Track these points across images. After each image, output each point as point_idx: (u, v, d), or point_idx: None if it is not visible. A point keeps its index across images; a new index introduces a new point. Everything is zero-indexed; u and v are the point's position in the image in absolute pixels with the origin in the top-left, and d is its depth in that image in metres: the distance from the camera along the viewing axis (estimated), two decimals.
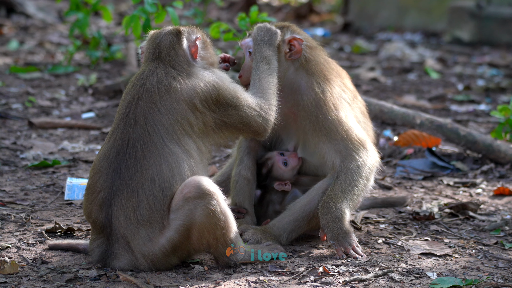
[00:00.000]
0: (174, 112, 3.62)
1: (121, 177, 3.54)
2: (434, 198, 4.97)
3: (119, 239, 3.56)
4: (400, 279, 3.66)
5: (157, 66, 3.71)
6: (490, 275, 3.74)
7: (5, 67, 8.14)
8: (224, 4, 12.67)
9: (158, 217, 3.53)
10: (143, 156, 3.55)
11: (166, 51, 3.75)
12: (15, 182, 4.88)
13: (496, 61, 10.18)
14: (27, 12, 11.42)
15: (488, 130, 6.68)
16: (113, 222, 3.55)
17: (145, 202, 3.51)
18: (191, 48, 3.78)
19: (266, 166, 4.14)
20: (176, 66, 3.72)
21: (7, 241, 3.91)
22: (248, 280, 3.57)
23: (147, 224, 3.53)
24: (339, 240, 3.88)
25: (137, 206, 3.51)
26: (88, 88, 7.41)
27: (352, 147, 3.97)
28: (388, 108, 6.25)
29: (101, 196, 3.57)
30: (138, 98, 3.64)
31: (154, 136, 3.58)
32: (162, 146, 3.57)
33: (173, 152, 3.57)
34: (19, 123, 6.28)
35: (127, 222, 3.53)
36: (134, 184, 3.52)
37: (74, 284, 3.47)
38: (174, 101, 3.62)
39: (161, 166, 3.54)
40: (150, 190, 3.52)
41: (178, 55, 3.75)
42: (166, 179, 3.54)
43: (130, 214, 3.52)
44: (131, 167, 3.55)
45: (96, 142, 5.90)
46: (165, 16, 6.28)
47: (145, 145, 3.56)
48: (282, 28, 4.07)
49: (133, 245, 3.55)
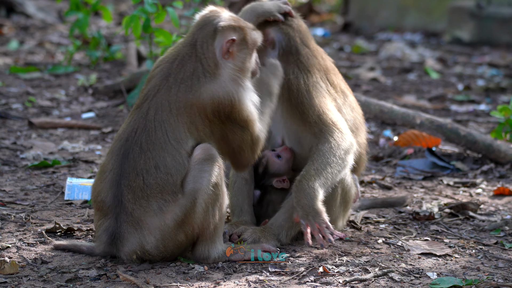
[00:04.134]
0: (185, 115, 3.62)
1: (128, 161, 3.60)
2: (434, 198, 4.97)
3: (128, 217, 3.58)
4: (400, 279, 3.66)
5: (190, 56, 3.69)
6: (490, 275, 3.74)
7: (5, 67, 8.14)
8: (224, 4, 12.67)
9: (170, 190, 3.56)
10: (147, 147, 3.59)
11: (201, 42, 3.70)
12: (15, 182, 4.88)
13: (496, 61, 10.18)
14: (27, 12, 11.42)
15: (488, 130, 6.68)
16: (122, 201, 3.58)
17: (153, 183, 3.56)
18: (223, 46, 3.69)
19: (261, 165, 4.14)
20: (204, 63, 3.67)
21: (7, 241, 3.91)
22: (248, 280, 3.58)
23: (158, 196, 3.57)
24: (309, 220, 3.80)
25: (145, 185, 3.56)
26: (88, 88, 7.41)
27: (326, 129, 3.95)
28: (388, 108, 6.25)
29: (111, 176, 3.62)
30: (157, 90, 3.67)
31: (159, 132, 3.60)
32: (166, 143, 3.59)
33: (176, 150, 3.60)
34: (19, 123, 6.28)
35: (135, 198, 3.57)
36: (139, 169, 3.58)
37: (74, 284, 3.47)
38: (188, 104, 3.62)
39: (165, 158, 3.58)
40: (155, 175, 3.57)
41: (209, 51, 3.69)
42: (171, 166, 3.58)
43: (138, 192, 3.56)
44: (136, 154, 3.60)
45: (96, 142, 5.90)
46: (165, 16, 6.28)
47: (149, 138, 3.60)
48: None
49: (143, 219, 3.57)
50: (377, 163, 5.76)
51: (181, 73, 3.67)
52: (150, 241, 3.60)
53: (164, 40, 6.14)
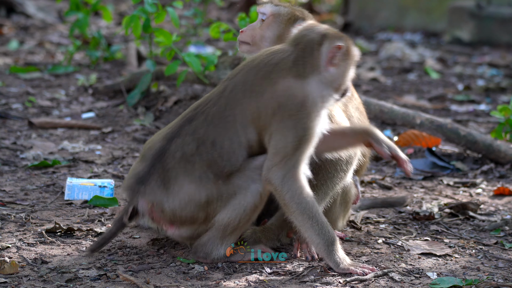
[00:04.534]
0: (259, 103, 3.63)
1: (190, 126, 3.65)
2: (434, 198, 4.97)
3: (164, 171, 3.62)
4: (400, 279, 3.66)
5: (285, 52, 3.68)
6: (490, 275, 3.74)
7: (5, 67, 8.14)
8: (224, 4, 12.66)
9: (215, 171, 3.61)
10: (212, 120, 3.64)
11: (304, 46, 3.67)
12: (15, 182, 4.88)
13: (496, 61, 10.17)
14: (27, 12, 11.41)
15: (488, 130, 6.68)
16: (166, 155, 3.62)
17: (204, 155, 3.60)
18: (329, 52, 3.66)
19: None
20: (300, 62, 3.65)
21: (7, 241, 3.91)
22: (248, 280, 3.58)
23: (204, 169, 3.61)
24: (300, 236, 3.81)
25: (196, 153, 3.61)
26: (88, 88, 7.41)
27: None
28: (388, 108, 6.25)
29: (167, 132, 3.70)
30: (240, 70, 3.70)
31: (229, 110, 3.64)
32: (231, 123, 3.64)
33: (237, 136, 3.63)
34: (19, 123, 6.28)
35: (182, 158, 3.61)
36: (196, 136, 3.63)
37: (74, 284, 3.48)
38: (267, 96, 3.62)
39: (224, 139, 3.62)
40: (209, 150, 3.61)
41: (313, 55, 3.67)
42: (225, 151, 3.61)
43: (187, 155, 3.61)
44: (199, 122, 3.65)
45: (96, 142, 5.90)
46: (165, 16, 6.28)
47: (218, 112, 3.64)
48: (298, 15, 4.06)
49: (178, 180, 3.60)
50: (377, 163, 5.76)
51: (268, 60, 3.67)
52: (172, 202, 3.61)
53: (164, 40, 6.14)
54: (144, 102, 6.70)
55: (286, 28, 4.00)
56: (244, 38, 4.06)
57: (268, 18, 4.04)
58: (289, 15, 4.03)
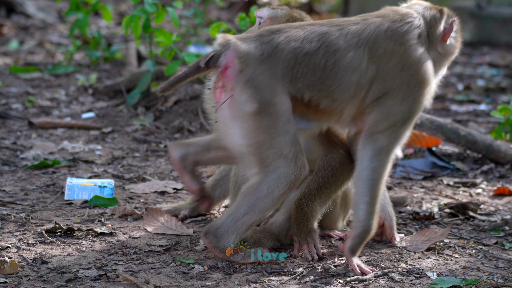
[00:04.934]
0: (382, 65, 3.62)
1: (319, 27, 3.64)
2: (434, 198, 4.97)
3: (266, 44, 3.57)
4: (400, 279, 3.66)
5: (416, 26, 3.68)
6: (490, 275, 3.74)
7: (5, 67, 8.14)
8: (224, 4, 12.66)
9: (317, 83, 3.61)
10: (347, 39, 3.60)
11: (430, 18, 3.72)
12: (15, 182, 4.88)
13: (496, 61, 10.17)
14: (27, 12, 11.41)
15: (488, 130, 6.68)
16: (280, 36, 3.59)
17: (319, 58, 3.58)
18: (447, 27, 3.73)
19: None
20: (424, 37, 3.68)
21: (7, 241, 3.91)
22: (248, 280, 3.58)
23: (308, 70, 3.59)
24: (301, 237, 3.88)
25: (311, 52, 3.57)
26: (88, 88, 7.41)
27: (335, 144, 3.95)
28: None
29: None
30: (369, 24, 3.70)
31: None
32: (357, 66, 3.59)
33: (360, 74, 3.61)
34: (19, 123, 6.28)
35: (293, 46, 3.57)
36: (323, 39, 3.59)
37: (74, 284, 3.48)
38: (394, 61, 3.62)
39: (346, 58, 3.58)
40: (329, 57, 3.59)
41: (437, 27, 3.72)
42: (342, 67, 3.58)
43: (300, 48, 3.57)
44: (333, 32, 3.63)
45: (96, 142, 5.90)
46: (165, 16, 6.28)
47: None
48: (295, 16, 4.08)
49: (275, 54, 3.55)
50: None
51: (397, 27, 3.66)
52: (255, 71, 3.52)
53: (164, 40, 6.14)
54: (144, 102, 6.70)
55: None
56: None
57: (266, 22, 4.05)
58: (286, 17, 4.04)
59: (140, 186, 4.90)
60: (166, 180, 5.05)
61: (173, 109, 6.49)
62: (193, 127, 6.24)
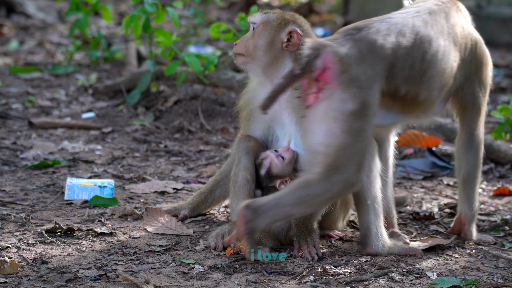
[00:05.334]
0: (466, 54, 3.82)
1: (396, 16, 3.75)
2: (434, 198, 4.97)
3: (358, 42, 3.61)
4: (400, 279, 3.66)
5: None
6: (490, 275, 3.74)
7: (5, 67, 8.14)
8: (224, 4, 12.66)
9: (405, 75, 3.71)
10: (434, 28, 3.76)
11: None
12: (15, 182, 4.88)
13: (496, 61, 10.12)
14: (27, 12, 11.41)
15: (488, 130, 6.67)
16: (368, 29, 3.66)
17: (405, 46, 3.66)
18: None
19: (263, 167, 4.12)
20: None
21: (7, 241, 3.91)
22: (248, 280, 3.58)
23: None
24: (301, 238, 3.90)
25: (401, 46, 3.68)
26: (88, 88, 7.41)
27: None
28: None
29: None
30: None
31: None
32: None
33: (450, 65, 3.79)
34: (19, 123, 6.28)
35: (380, 34, 3.64)
36: (413, 30, 3.68)
37: (74, 284, 3.48)
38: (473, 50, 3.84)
39: (439, 47, 3.71)
40: (418, 46, 3.71)
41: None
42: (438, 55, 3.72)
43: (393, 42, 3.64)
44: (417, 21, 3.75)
45: (96, 142, 5.90)
46: (165, 16, 6.28)
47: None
48: (288, 19, 4.07)
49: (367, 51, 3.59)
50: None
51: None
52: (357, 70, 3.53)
53: (164, 40, 6.14)
54: (144, 102, 6.70)
55: (277, 33, 4.02)
56: (239, 50, 4.08)
57: (259, 27, 4.06)
58: (279, 20, 4.04)
59: (140, 186, 4.90)
60: (166, 180, 5.05)
61: (173, 109, 6.49)
62: (193, 127, 6.24)
